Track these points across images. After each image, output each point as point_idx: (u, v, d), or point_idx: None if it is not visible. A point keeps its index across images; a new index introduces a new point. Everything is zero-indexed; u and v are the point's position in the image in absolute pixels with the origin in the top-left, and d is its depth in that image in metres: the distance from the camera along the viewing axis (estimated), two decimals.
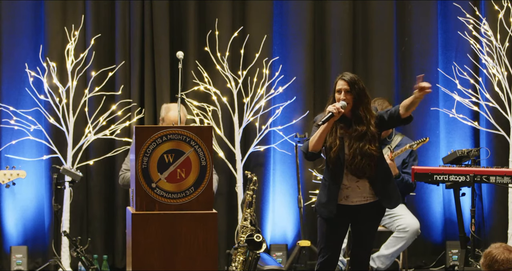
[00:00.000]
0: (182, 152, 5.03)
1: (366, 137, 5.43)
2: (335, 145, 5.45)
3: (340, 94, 5.45)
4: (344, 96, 5.44)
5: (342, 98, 5.43)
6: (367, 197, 5.51)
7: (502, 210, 7.78)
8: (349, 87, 5.45)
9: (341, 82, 5.48)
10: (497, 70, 7.71)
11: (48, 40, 7.71)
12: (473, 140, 7.96)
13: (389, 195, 5.55)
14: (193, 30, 7.85)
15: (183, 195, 5.03)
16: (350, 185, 5.50)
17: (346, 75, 5.50)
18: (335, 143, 5.45)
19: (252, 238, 6.48)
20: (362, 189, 5.50)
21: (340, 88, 5.47)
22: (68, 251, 7.50)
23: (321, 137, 5.44)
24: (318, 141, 5.44)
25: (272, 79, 7.87)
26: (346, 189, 5.50)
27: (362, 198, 5.51)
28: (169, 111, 7.01)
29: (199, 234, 4.98)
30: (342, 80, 5.48)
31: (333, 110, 5.36)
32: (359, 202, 5.52)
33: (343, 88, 5.46)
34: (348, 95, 5.45)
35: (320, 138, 5.43)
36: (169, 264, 4.95)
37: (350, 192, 5.50)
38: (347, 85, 5.45)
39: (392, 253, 6.87)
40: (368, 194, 5.51)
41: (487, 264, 4.07)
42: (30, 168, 7.55)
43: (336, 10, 7.95)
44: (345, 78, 5.48)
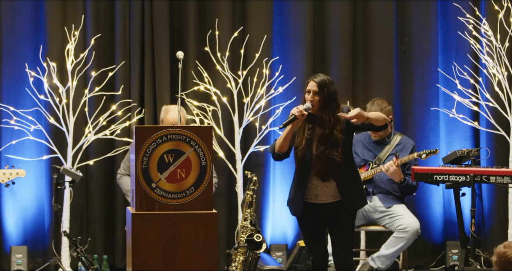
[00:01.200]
0: (182, 152, 5.03)
1: (329, 141, 5.46)
2: (301, 144, 5.49)
3: (309, 95, 5.47)
4: (312, 97, 5.46)
5: (309, 99, 5.45)
6: (335, 195, 5.55)
7: (502, 210, 7.78)
8: (317, 89, 5.47)
9: (311, 83, 5.51)
10: (497, 70, 7.71)
11: (48, 40, 7.71)
12: (473, 140, 7.96)
13: (352, 197, 5.58)
14: (193, 30, 7.85)
15: (183, 195, 5.03)
16: (318, 184, 5.54)
17: (318, 77, 5.52)
18: (301, 142, 5.50)
19: (252, 238, 6.48)
20: (330, 188, 5.54)
21: (309, 89, 5.50)
22: (68, 251, 7.50)
23: (286, 138, 5.49)
24: (284, 141, 5.51)
25: (272, 79, 7.87)
26: (315, 188, 5.55)
27: (330, 197, 5.55)
28: (168, 113, 7.02)
29: (199, 234, 4.98)
30: (313, 81, 5.51)
31: (295, 112, 5.41)
32: (328, 201, 5.56)
33: (312, 90, 5.49)
34: (316, 96, 5.46)
35: (285, 139, 5.49)
36: (169, 264, 4.95)
37: (319, 191, 5.55)
38: (316, 87, 5.48)
39: (392, 253, 6.87)
40: (336, 192, 5.54)
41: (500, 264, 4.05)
42: (30, 168, 7.55)
43: (336, 10, 7.95)
44: (315, 79, 5.51)
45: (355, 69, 8.01)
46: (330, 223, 5.64)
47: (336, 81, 7.84)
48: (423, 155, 6.89)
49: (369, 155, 7.09)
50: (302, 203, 5.56)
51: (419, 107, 7.99)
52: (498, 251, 4.05)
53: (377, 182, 7.04)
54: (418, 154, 6.91)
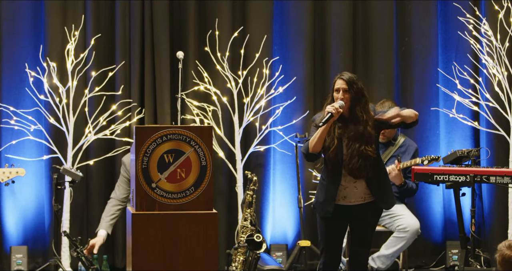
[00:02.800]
0: (182, 152, 5.03)
1: (363, 137, 5.45)
2: (333, 144, 5.46)
3: (338, 93, 5.47)
4: (342, 95, 5.45)
5: (340, 97, 5.45)
6: (364, 197, 5.53)
7: (502, 210, 7.78)
8: (347, 87, 5.46)
9: (339, 82, 5.50)
10: (497, 70, 7.71)
11: (48, 40, 7.71)
12: (473, 140, 7.96)
13: (384, 196, 5.57)
14: (193, 30, 7.85)
15: (183, 195, 5.03)
16: (347, 185, 5.51)
17: (344, 74, 5.52)
18: (333, 142, 5.47)
19: (252, 238, 6.48)
20: (359, 189, 5.52)
21: (338, 88, 5.49)
22: (68, 251, 7.50)
23: (321, 138, 5.45)
24: (318, 141, 5.46)
25: (272, 79, 7.87)
26: (344, 189, 5.52)
27: (359, 198, 5.53)
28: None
29: (199, 234, 4.98)
30: (340, 79, 5.50)
31: (332, 110, 5.37)
32: (356, 202, 5.53)
33: (341, 88, 5.48)
34: (346, 94, 5.46)
35: (320, 138, 5.45)
36: (169, 264, 4.95)
37: (347, 192, 5.52)
38: (346, 85, 5.47)
39: (392, 253, 6.87)
40: (365, 194, 5.53)
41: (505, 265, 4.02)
42: (30, 168, 7.54)
43: (336, 10, 7.95)
44: (343, 77, 5.49)
45: (355, 69, 8.01)
46: (354, 224, 5.62)
47: None
48: (425, 161, 6.88)
49: None
50: (334, 204, 5.52)
51: (419, 107, 7.98)
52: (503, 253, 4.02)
53: None
54: (420, 159, 6.90)
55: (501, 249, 4.01)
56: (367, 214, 5.57)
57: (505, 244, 4.02)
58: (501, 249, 4.01)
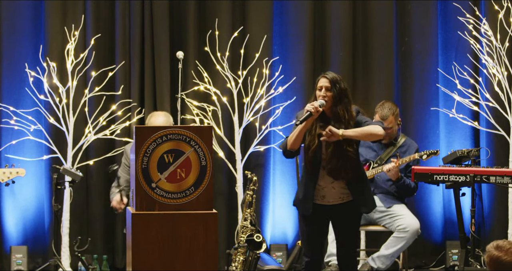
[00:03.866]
0: (182, 152, 5.03)
1: None
2: (313, 144, 5.47)
3: (321, 91, 5.47)
4: (324, 94, 5.45)
5: (322, 95, 5.45)
6: (342, 197, 5.54)
7: (502, 210, 7.78)
8: (330, 85, 5.47)
9: (323, 80, 5.52)
10: (497, 70, 7.71)
11: (48, 40, 7.71)
12: (473, 140, 7.96)
13: (364, 199, 5.57)
14: (193, 30, 7.85)
15: (183, 195, 5.03)
16: (325, 185, 5.53)
17: (329, 73, 5.54)
18: (314, 141, 5.48)
19: (252, 238, 6.48)
20: (337, 189, 5.53)
21: (321, 86, 5.50)
22: (68, 251, 7.50)
23: (299, 136, 5.46)
24: (296, 139, 5.48)
25: (272, 79, 7.87)
26: (322, 189, 5.54)
27: (337, 198, 5.54)
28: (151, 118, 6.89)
29: (199, 234, 4.98)
30: (324, 78, 5.52)
31: (311, 109, 5.38)
32: (335, 202, 5.55)
33: (324, 86, 5.49)
34: (329, 92, 5.46)
35: (298, 136, 5.46)
36: (169, 264, 4.95)
37: (326, 192, 5.53)
38: (328, 83, 5.48)
39: (392, 253, 6.87)
40: (343, 194, 5.53)
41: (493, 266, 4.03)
42: (30, 168, 7.54)
43: (336, 10, 7.95)
44: (327, 76, 5.52)
45: (355, 69, 8.01)
46: (336, 224, 5.63)
47: None
48: (424, 155, 6.88)
49: (372, 154, 7.09)
50: (312, 203, 5.54)
51: (419, 107, 7.99)
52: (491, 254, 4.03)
53: (378, 181, 7.04)
54: (419, 154, 6.90)
55: (489, 250, 4.02)
56: (347, 214, 5.57)
57: (493, 244, 4.02)
58: (489, 250, 4.02)
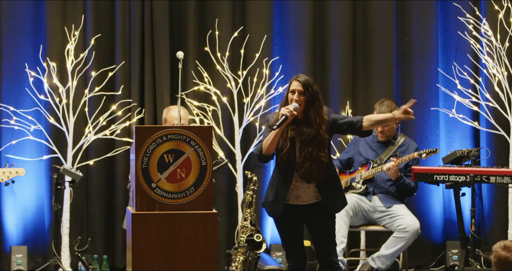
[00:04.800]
0: (182, 152, 5.03)
1: (316, 141, 5.45)
2: (285, 146, 5.47)
3: (294, 94, 5.46)
4: (297, 97, 5.45)
5: (295, 99, 5.44)
6: (317, 196, 5.55)
7: (502, 210, 7.78)
8: (302, 89, 5.46)
9: (295, 83, 5.49)
10: (497, 70, 7.71)
11: (48, 40, 7.71)
12: (473, 140, 7.96)
13: (334, 199, 5.58)
14: (193, 30, 7.86)
15: (183, 195, 5.02)
16: (300, 185, 5.53)
17: (301, 76, 5.51)
18: (286, 144, 5.47)
19: (252, 238, 6.48)
20: (312, 188, 5.54)
21: (294, 89, 5.48)
22: (68, 251, 7.50)
23: (274, 140, 5.45)
24: (272, 143, 5.46)
25: (272, 79, 7.87)
26: (297, 189, 5.54)
27: (312, 197, 5.55)
28: (170, 111, 7.03)
29: (199, 234, 4.98)
30: (296, 81, 5.49)
31: (286, 113, 5.38)
32: (310, 201, 5.55)
33: (297, 89, 5.47)
34: (301, 96, 5.45)
35: (273, 141, 5.45)
36: (169, 264, 4.95)
37: (300, 192, 5.54)
38: (301, 87, 5.46)
39: (392, 253, 6.87)
40: (317, 193, 5.55)
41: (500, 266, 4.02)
42: (30, 168, 7.55)
43: (336, 10, 7.95)
44: (299, 79, 5.49)
45: (355, 69, 8.01)
46: (311, 224, 5.63)
47: (336, 81, 7.90)
48: (423, 154, 6.88)
49: (372, 154, 7.09)
50: (284, 204, 5.54)
51: (419, 107, 7.99)
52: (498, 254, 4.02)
53: (378, 181, 7.04)
54: (418, 153, 6.90)
55: (496, 250, 4.01)
56: (322, 212, 5.57)
57: (500, 244, 4.02)
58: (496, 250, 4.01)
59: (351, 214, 6.92)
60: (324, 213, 5.58)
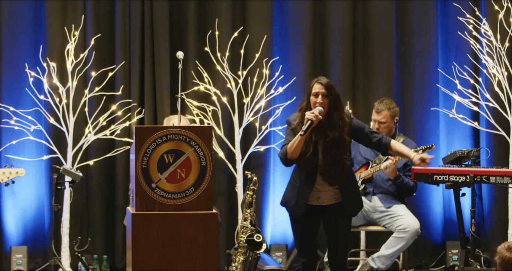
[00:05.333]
0: (182, 152, 5.03)
1: (339, 144, 5.46)
2: (309, 150, 5.46)
3: (317, 97, 5.45)
4: (321, 100, 5.43)
5: (319, 101, 5.43)
6: (337, 197, 5.55)
7: (502, 210, 7.78)
8: (326, 91, 5.45)
9: (318, 86, 5.47)
10: (497, 70, 7.71)
11: (48, 40, 7.71)
12: (473, 140, 7.96)
13: (351, 202, 5.60)
14: (193, 30, 7.86)
15: (183, 195, 5.02)
16: (321, 188, 5.54)
17: (322, 79, 5.50)
18: (309, 148, 5.46)
19: (252, 238, 6.48)
20: (332, 191, 5.56)
21: (317, 92, 5.46)
22: (68, 251, 7.50)
23: (299, 144, 5.45)
24: (297, 148, 5.46)
25: (272, 80, 7.87)
26: (318, 191, 5.54)
27: (333, 199, 5.55)
28: (170, 121, 7.06)
29: (199, 234, 4.98)
30: (319, 83, 5.47)
31: (312, 118, 5.37)
32: (330, 202, 5.56)
33: (320, 92, 5.45)
34: (325, 99, 5.44)
35: (298, 145, 5.45)
36: (169, 264, 4.95)
37: (321, 193, 5.55)
38: (324, 89, 5.45)
39: (392, 253, 6.86)
40: (338, 194, 5.56)
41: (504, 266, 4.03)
42: (30, 168, 7.55)
43: (336, 10, 7.95)
44: (322, 82, 5.47)
45: (355, 69, 8.01)
46: (329, 224, 5.64)
47: (336, 81, 7.89)
48: (420, 150, 6.87)
49: (371, 154, 7.09)
50: (305, 206, 5.54)
51: (419, 107, 7.99)
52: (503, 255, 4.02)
53: (377, 181, 7.04)
54: (414, 150, 6.89)
55: (501, 251, 4.02)
56: (341, 213, 5.58)
57: (505, 246, 4.03)
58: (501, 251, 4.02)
59: None
60: (342, 213, 5.59)
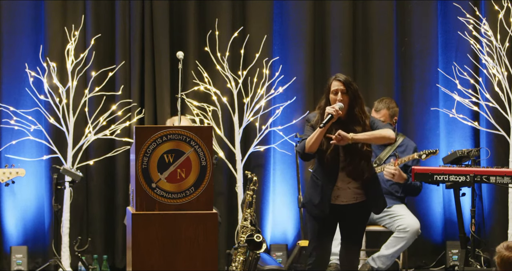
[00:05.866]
0: (182, 152, 5.03)
1: None
2: (330, 146, 5.46)
3: (336, 95, 5.45)
4: (341, 97, 5.44)
5: (339, 99, 5.43)
6: (356, 197, 5.56)
7: (502, 210, 7.78)
8: (345, 88, 5.45)
9: (336, 83, 5.48)
10: (497, 70, 7.71)
11: (48, 40, 7.71)
12: (473, 140, 7.96)
13: (377, 200, 5.60)
14: (193, 30, 7.86)
15: (183, 195, 5.02)
16: (341, 186, 5.53)
17: (340, 76, 5.51)
18: (331, 144, 5.46)
19: (252, 238, 6.48)
20: (352, 189, 5.55)
21: (336, 89, 5.47)
22: (68, 251, 7.50)
23: (318, 139, 5.45)
24: (315, 142, 5.46)
25: (272, 79, 7.87)
26: (337, 189, 5.54)
27: (351, 198, 5.56)
28: (174, 122, 7.06)
29: (199, 234, 4.98)
30: (337, 81, 5.48)
31: (332, 112, 5.37)
32: (349, 202, 5.56)
33: (339, 89, 5.46)
34: (345, 96, 5.45)
35: (317, 139, 5.45)
36: (169, 264, 4.95)
37: (340, 192, 5.55)
38: (343, 86, 5.46)
39: (392, 253, 6.86)
40: (356, 194, 5.56)
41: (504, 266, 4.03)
42: (30, 168, 7.54)
43: (336, 10, 7.95)
44: (340, 78, 5.48)
45: (355, 69, 8.01)
46: (345, 223, 5.63)
47: None
48: (423, 155, 6.88)
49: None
50: (329, 204, 5.53)
51: (419, 107, 7.99)
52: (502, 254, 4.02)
53: None
54: (418, 154, 6.90)
55: (500, 250, 4.02)
56: (357, 214, 5.59)
57: (504, 245, 4.03)
58: (500, 251, 4.02)
59: None
60: (361, 214, 5.60)
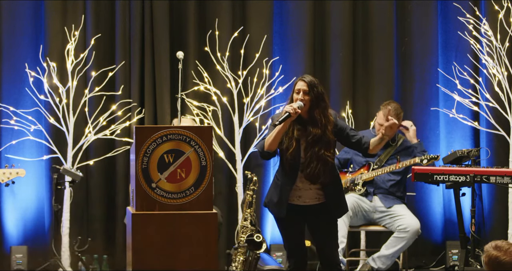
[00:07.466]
0: (182, 152, 5.03)
1: (322, 141, 5.44)
2: (291, 146, 5.46)
3: (298, 94, 5.46)
4: (302, 97, 5.44)
5: (300, 98, 5.44)
6: (318, 197, 5.54)
7: (502, 210, 7.78)
8: (307, 89, 5.46)
9: (300, 83, 5.49)
10: (497, 70, 7.71)
11: (48, 40, 7.71)
12: (473, 140, 7.96)
13: (338, 203, 5.57)
14: (193, 30, 7.86)
15: (183, 195, 5.02)
16: (303, 186, 5.52)
17: (306, 77, 5.52)
18: (292, 144, 5.46)
19: (252, 238, 6.48)
20: (313, 190, 5.53)
21: (299, 89, 5.48)
22: (68, 251, 7.50)
23: (277, 137, 5.44)
24: (274, 140, 5.45)
25: (272, 79, 7.87)
26: (299, 189, 5.53)
27: (314, 199, 5.54)
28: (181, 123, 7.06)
29: (199, 234, 4.98)
30: (302, 81, 5.50)
31: (290, 110, 5.37)
32: (311, 202, 5.54)
33: (301, 89, 5.47)
34: (306, 96, 5.45)
35: (275, 137, 5.44)
36: (169, 264, 4.95)
37: (302, 192, 5.53)
38: (306, 86, 5.46)
39: (392, 253, 6.87)
40: (319, 194, 5.53)
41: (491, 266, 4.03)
42: (30, 168, 7.55)
43: (336, 10, 7.95)
44: (305, 79, 5.50)
45: (355, 69, 8.01)
46: (312, 225, 5.62)
47: (336, 81, 7.89)
48: (424, 160, 6.88)
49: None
50: (287, 204, 5.54)
51: (419, 107, 8.00)
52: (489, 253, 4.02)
53: (378, 182, 7.04)
54: (419, 158, 6.90)
55: (488, 250, 4.02)
56: (323, 214, 5.56)
57: (492, 244, 4.03)
58: (488, 250, 4.02)
59: (351, 214, 6.92)
60: (325, 214, 5.57)
